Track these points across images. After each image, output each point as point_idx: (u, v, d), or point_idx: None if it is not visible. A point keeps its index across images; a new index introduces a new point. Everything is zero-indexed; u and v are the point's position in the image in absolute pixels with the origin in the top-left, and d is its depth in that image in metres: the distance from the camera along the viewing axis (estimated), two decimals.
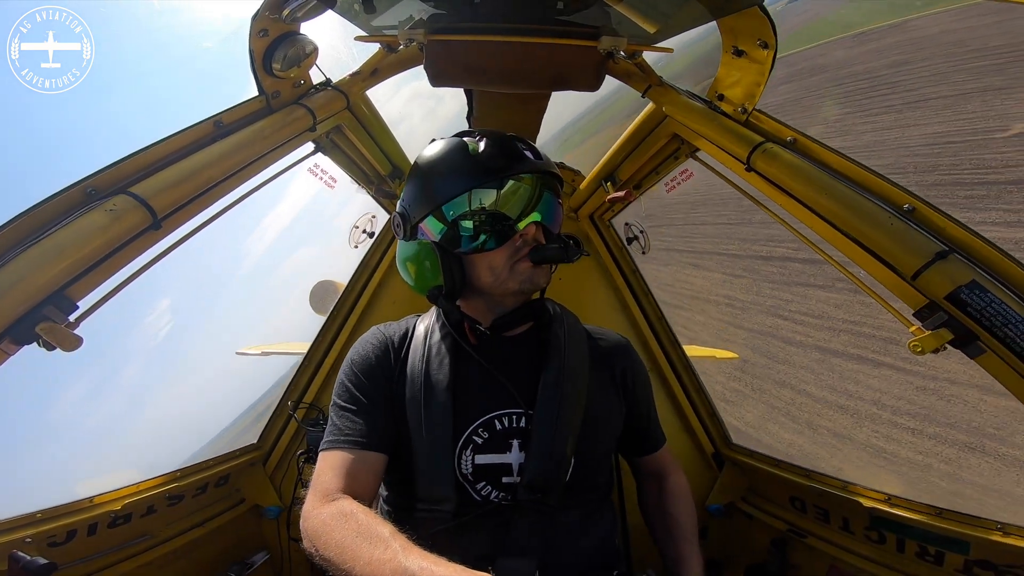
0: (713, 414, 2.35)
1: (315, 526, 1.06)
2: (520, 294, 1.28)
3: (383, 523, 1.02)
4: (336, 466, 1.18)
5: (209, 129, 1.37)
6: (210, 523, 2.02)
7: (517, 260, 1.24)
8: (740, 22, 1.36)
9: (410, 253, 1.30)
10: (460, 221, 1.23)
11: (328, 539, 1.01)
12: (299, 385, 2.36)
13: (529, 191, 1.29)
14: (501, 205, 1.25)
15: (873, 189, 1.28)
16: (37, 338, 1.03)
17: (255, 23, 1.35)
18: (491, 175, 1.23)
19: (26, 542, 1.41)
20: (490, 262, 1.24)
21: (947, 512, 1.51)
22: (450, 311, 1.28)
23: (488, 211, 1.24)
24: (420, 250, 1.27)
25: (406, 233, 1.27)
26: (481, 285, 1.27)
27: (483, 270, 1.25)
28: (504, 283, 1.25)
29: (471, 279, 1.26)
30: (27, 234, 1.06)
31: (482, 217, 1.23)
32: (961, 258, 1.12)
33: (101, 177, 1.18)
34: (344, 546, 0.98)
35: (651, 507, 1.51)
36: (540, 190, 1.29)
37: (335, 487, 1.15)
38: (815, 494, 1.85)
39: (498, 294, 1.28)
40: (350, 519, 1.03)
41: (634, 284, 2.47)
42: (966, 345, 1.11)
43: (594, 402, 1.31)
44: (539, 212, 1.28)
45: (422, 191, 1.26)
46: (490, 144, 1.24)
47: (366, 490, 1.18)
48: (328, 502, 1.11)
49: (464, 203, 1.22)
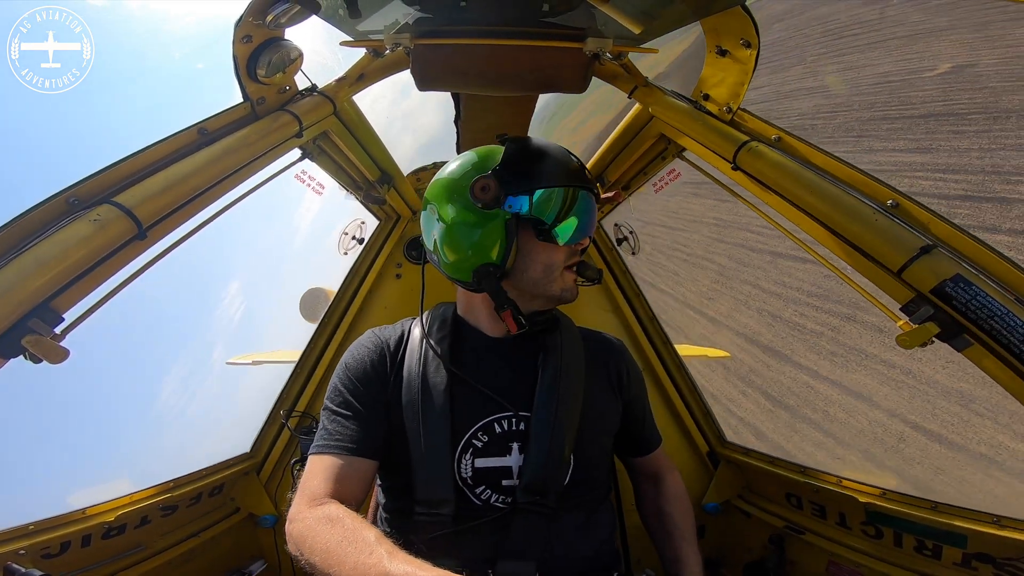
0: (707, 413, 2.35)
1: (301, 530, 1.06)
2: (554, 300, 1.31)
3: (369, 528, 1.01)
4: (325, 470, 1.18)
5: (193, 137, 1.37)
6: (205, 533, 2.00)
7: (568, 266, 1.29)
8: (723, 22, 1.37)
9: (473, 221, 1.24)
10: (552, 208, 1.24)
11: (313, 543, 1.01)
12: (291, 393, 2.35)
13: (587, 210, 1.31)
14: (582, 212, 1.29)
15: (857, 186, 1.29)
16: (23, 351, 1.02)
17: (238, 29, 1.34)
18: (584, 182, 1.28)
19: (20, 554, 1.39)
20: (549, 258, 1.26)
21: (943, 506, 1.52)
22: (497, 292, 1.26)
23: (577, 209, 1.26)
24: (491, 222, 1.23)
25: (492, 199, 1.21)
26: (527, 278, 1.27)
27: (538, 264, 1.26)
28: (549, 283, 1.28)
29: (519, 269, 1.26)
30: (9, 246, 1.05)
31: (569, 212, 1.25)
32: (945, 252, 1.13)
33: (84, 186, 1.17)
34: (329, 551, 0.98)
35: (648, 508, 1.52)
36: (591, 213, 1.31)
37: (323, 492, 1.14)
38: (811, 490, 1.86)
39: (536, 293, 1.29)
40: (336, 524, 1.03)
41: (625, 285, 2.47)
42: (953, 338, 1.12)
43: (591, 403, 1.31)
44: (590, 233, 1.32)
45: (533, 166, 1.26)
46: (576, 157, 1.33)
47: (354, 496, 1.18)
48: (315, 506, 1.11)
49: (562, 196, 1.25)
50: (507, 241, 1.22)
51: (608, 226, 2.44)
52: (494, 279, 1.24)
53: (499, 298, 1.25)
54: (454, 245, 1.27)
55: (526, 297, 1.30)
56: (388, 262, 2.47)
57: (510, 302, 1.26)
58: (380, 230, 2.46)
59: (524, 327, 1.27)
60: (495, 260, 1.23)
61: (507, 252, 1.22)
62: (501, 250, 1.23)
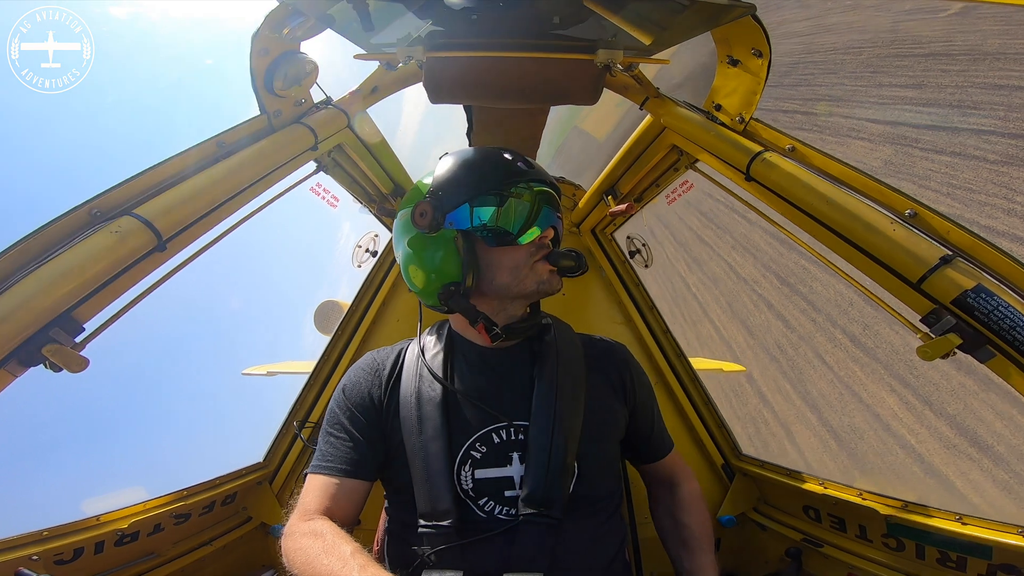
0: (721, 425, 2.32)
1: (288, 543, 1.13)
2: (534, 296, 1.31)
3: (349, 542, 1.06)
4: (317, 489, 1.23)
5: (212, 149, 1.39)
6: (217, 541, 2.01)
7: (536, 260, 1.28)
8: (733, 32, 1.38)
9: (427, 247, 1.28)
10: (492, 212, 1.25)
11: (296, 555, 1.08)
12: (304, 404, 2.36)
13: (536, 202, 1.31)
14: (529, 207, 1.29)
15: (874, 195, 1.28)
16: (43, 360, 1.04)
17: (256, 42, 1.37)
18: (524, 176, 1.28)
19: (32, 559, 1.40)
20: (512, 259, 1.27)
21: (967, 517, 1.48)
22: (466, 308, 1.27)
23: (521, 206, 1.27)
24: (440, 243, 1.26)
25: (432, 222, 1.24)
26: (496, 285, 1.28)
27: (503, 269, 1.27)
28: (522, 282, 1.27)
29: (486, 279, 1.27)
30: (33, 256, 1.08)
31: (519, 211, 1.26)
32: (965, 262, 1.11)
33: (105, 198, 1.20)
34: (308, 562, 1.04)
35: (663, 516, 1.49)
36: (541, 204, 1.30)
37: (314, 509, 1.20)
38: (829, 503, 1.82)
39: (512, 295, 1.29)
40: (319, 537, 1.08)
41: (638, 297, 2.46)
42: (975, 349, 1.10)
43: (594, 409, 1.31)
44: (551, 223, 1.31)
45: (463, 179, 1.27)
46: (513, 153, 1.32)
47: (345, 514, 1.23)
48: (304, 521, 1.16)
49: (500, 198, 1.26)
50: (463, 257, 1.24)
51: (621, 239, 2.43)
52: (459, 297, 1.27)
53: (469, 314, 1.28)
54: (415, 273, 1.32)
55: (504, 303, 1.31)
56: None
57: (481, 315, 1.27)
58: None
59: (500, 337, 1.28)
60: (456, 278, 1.26)
61: (465, 267, 1.24)
62: (458, 267, 1.25)
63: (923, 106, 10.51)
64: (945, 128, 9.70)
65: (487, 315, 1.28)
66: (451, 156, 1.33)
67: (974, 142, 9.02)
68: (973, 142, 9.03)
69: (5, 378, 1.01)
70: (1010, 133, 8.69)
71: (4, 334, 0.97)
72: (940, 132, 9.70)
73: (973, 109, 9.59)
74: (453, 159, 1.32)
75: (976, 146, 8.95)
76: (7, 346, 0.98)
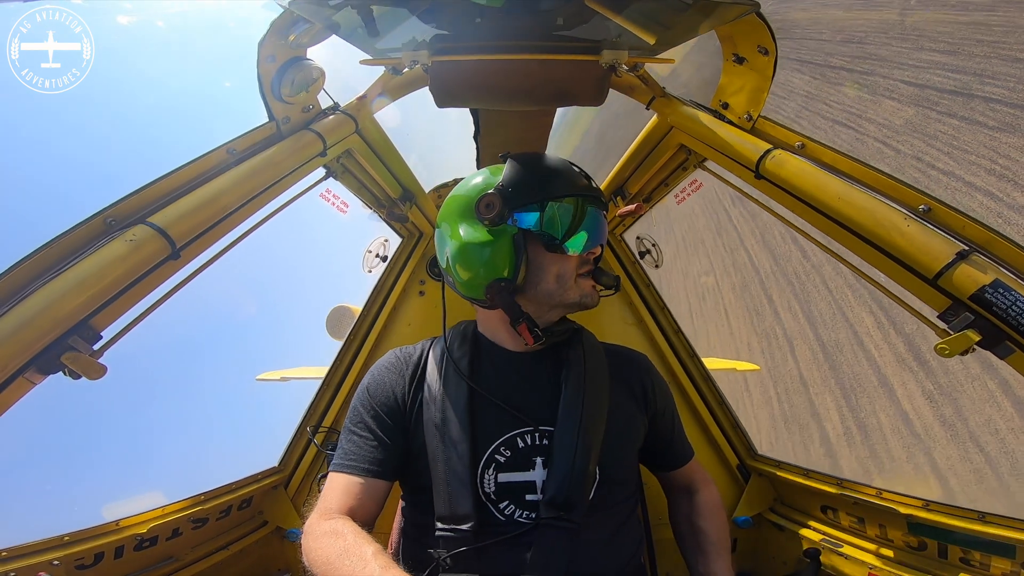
0: (736, 425, 2.30)
1: (308, 542, 1.12)
2: (573, 307, 1.32)
3: (369, 543, 1.05)
4: (339, 488, 1.23)
5: (222, 157, 1.41)
6: (234, 546, 2.03)
7: (582, 274, 1.30)
8: (738, 30, 1.37)
9: (482, 239, 1.27)
10: (557, 219, 1.27)
11: (317, 554, 1.07)
12: (318, 409, 2.38)
13: (597, 219, 1.33)
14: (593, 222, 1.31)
15: (887, 191, 1.26)
16: (63, 367, 1.06)
17: (262, 49, 1.38)
18: (591, 192, 1.31)
19: (53, 564, 1.43)
20: (560, 268, 1.28)
21: (990, 516, 1.45)
22: (511, 306, 1.27)
23: (589, 219, 1.29)
24: (497, 238, 1.25)
25: (498, 215, 1.24)
26: (541, 290, 1.28)
27: (550, 275, 1.27)
28: (565, 292, 1.29)
29: (531, 283, 1.28)
30: (50, 264, 1.10)
31: (579, 223, 1.28)
32: (982, 257, 1.09)
33: (120, 207, 1.22)
34: (329, 562, 1.03)
35: (681, 522, 1.50)
36: (597, 228, 1.33)
37: (335, 508, 1.19)
38: (848, 503, 1.79)
39: (553, 303, 1.30)
40: (339, 537, 1.08)
41: (649, 298, 2.44)
42: (994, 346, 1.08)
43: (615, 417, 1.30)
44: (602, 240, 1.33)
45: (535, 180, 1.28)
46: (579, 167, 1.35)
47: (366, 513, 1.22)
48: (325, 520, 1.16)
49: (567, 207, 1.28)
50: (516, 256, 1.24)
51: (630, 239, 2.42)
52: (507, 294, 1.26)
53: (513, 312, 1.27)
54: (465, 264, 1.29)
55: (544, 309, 1.31)
56: (411, 279, 2.49)
57: (525, 315, 1.27)
58: (403, 247, 2.49)
59: (541, 339, 1.27)
60: (506, 275, 1.25)
61: (517, 267, 1.24)
62: (511, 265, 1.24)
63: (951, 72, 11.19)
64: (963, 94, 10.52)
65: (530, 316, 1.28)
66: (521, 156, 1.34)
67: (982, 108, 9.93)
68: (981, 108, 9.95)
69: (25, 386, 1.03)
70: (1014, 103, 9.47)
71: (23, 342, 0.98)
72: (957, 97, 10.54)
73: (991, 79, 10.28)
74: (524, 159, 1.33)
75: (982, 112, 9.86)
76: (26, 354, 1.00)
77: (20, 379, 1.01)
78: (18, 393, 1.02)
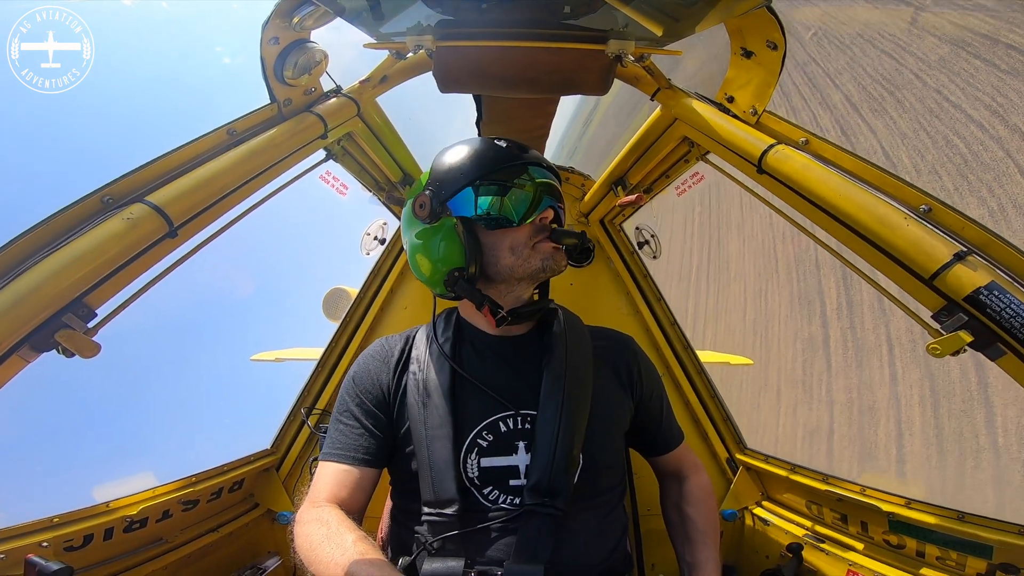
0: (727, 419, 2.32)
1: (297, 530, 1.15)
2: (539, 274, 1.30)
3: (352, 530, 1.08)
4: (328, 477, 1.26)
5: (222, 137, 1.39)
6: (224, 528, 2.03)
7: (539, 240, 1.28)
8: (748, 23, 1.36)
9: (428, 237, 1.30)
10: (489, 197, 1.26)
11: (303, 540, 1.10)
12: (312, 391, 2.38)
13: (537, 191, 1.31)
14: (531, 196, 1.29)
15: (888, 190, 1.26)
16: (56, 345, 1.05)
17: (266, 31, 1.36)
18: (519, 160, 1.30)
19: (42, 546, 1.42)
20: (512, 241, 1.27)
21: (969, 516, 1.48)
22: (471, 292, 1.28)
23: (523, 195, 1.28)
24: (441, 232, 1.28)
25: (431, 212, 1.26)
26: (500, 268, 1.28)
27: (504, 250, 1.27)
28: (526, 262, 1.27)
29: (489, 263, 1.28)
30: (46, 242, 1.08)
31: (515, 194, 1.27)
32: (980, 259, 1.10)
33: (117, 185, 1.20)
34: (312, 547, 1.06)
35: (670, 509, 1.51)
36: (542, 193, 1.31)
37: (324, 496, 1.22)
38: (832, 499, 1.82)
39: (517, 276, 1.29)
40: (324, 525, 1.11)
41: (646, 289, 2.45)
42: (986, 347, 1.09)
43: (600, 401, 1.31)
44: (551, 203, 1.31)
45: (459, 167, 1.29)
46: (508, 141, 1.33)
47: (354, 502, 1.24)
48: (313, 508, 1.18)
49: (496, 182, 1.27)
50: (464, 243, 1.25)
51: (629, 229, 2.42)
52: (464, 282, 1.27)
53: (474, 297, 1.28)
54: (421, 262, 1.34)
55: (510, 286, 1.32)
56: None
57: (486, 298, 1.28)
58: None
59: (506, 320, 1.29)
60: (459, 264, 1.27)
61: (468, 253, 1.25)
62: (461, 253, 1.26)
63: (991, 16, 12.06)
64: (991, 39, 11.53)
65: (492, 298, 1.29)
66: (447, 148, 1.35)
67: (1003, 53, 11.05)
68: (1002, 53, 11.07)
69: (18, 364, 1.02)
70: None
71: (17, 319, 0.97)
72: (986, 41, 11.56)
73: (1018, 27, 11.34)
74: (449, 150, 1.33)
75: (1000, 56, 11.01)
76: (20, 331, 0.98)
77: (13, 357, 1.00)
78: (11, 371, 1.01)
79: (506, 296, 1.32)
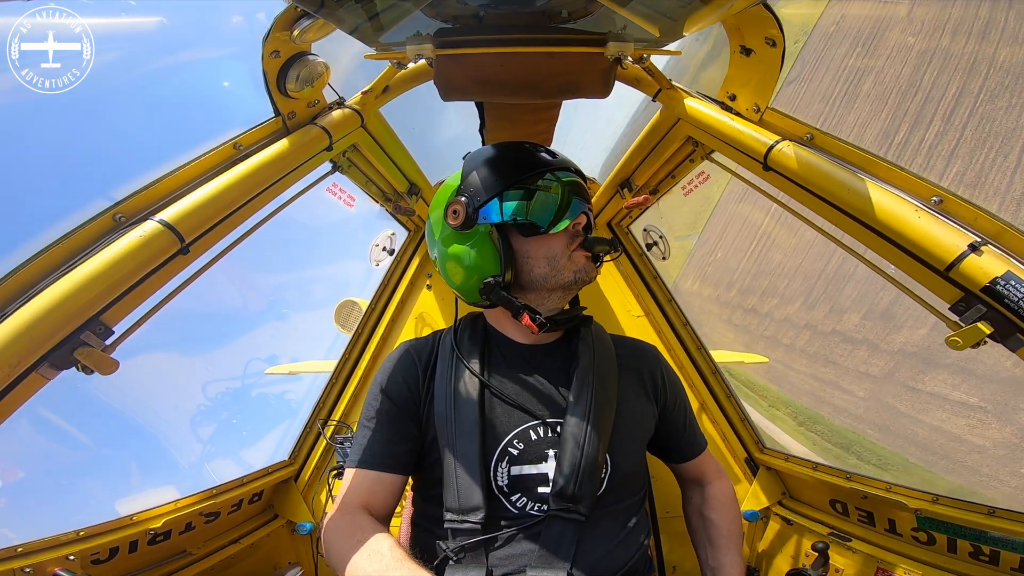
0: (744, 419, 2.29)
1: (328, 536, 1.15)
2: (572, 286, 1.30)
3: (386, 537, 1.08)
4: (356, 483, 1.25)
5: (229, 152, 1.41)
6: (245, 539, 2.05)
7: (574, 249, 1.28)
8: (745, 21, 1.35)
9: (463, 244, 1.28)
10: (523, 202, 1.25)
11: (335, 547, 1.11)
12: (327, 402, 2.40)
13: (565, 193, 1.31)
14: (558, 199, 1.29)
15: (898, 183, 1.24)
16: (76, 363, 1.07)
17: (266, 44, 1.38)
18: (549, 166, 1.29)
19: (69, 559, 1.45)
20: (548, 249, 1.27)
21: (1000, 511, 1.44)
22: (508, 300, 1.27)
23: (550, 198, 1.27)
24: (476, 239, 1.27)
25: (465, 220, 1.25)
26: (534, 277, 1.28)
27: (539, 259, 1.27)
28: (560, 272, 1.27)
29: (523, 271, 1.27)
30: (60, 262, 1.11)
31: (545, 197, 1.26)
32: (994, 249, 1.08)
33: (128, 203, 1.23)
34: (345, 554, 1.06)
35: (693, 515, 1.50)
36: (570, 195, 1.30)
37: (354, 502, 1.21)
38: (857, 496, 1.79)
39: (550, 286, 1.29)
40: (356, 531, 1.11)
41: (656, 290, 2.43)
42: (1006, 338, 1.07)
43: (625, 409, 1.30)
44: (581, 211, 1.31)
45: (491, 173, 1.27)
46: (535, 145, 1.35)
47: (383, 507, 1.24)
48: (343, 515, 1.18)
49: (530, 188, 1.26)
50: (498, 251, 1.24)
51: (637, 231, 2.41)
52: (500, 290, 1.26)
53: (511, 306, 1.27)
54: (454, 271, 1.32)
55: (543, 295, 1.31)
56: (418, 272, 2.50)
57: (524, 305, 1.26)
58: (409, 241, 2.50)
59: (545, 326, 1.27)
60: (495, 272, 1.25)
61: (503, 261, 1.24)
62: (496, 261, 1.25)
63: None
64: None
65: (530, 305, 1.28)
66: (476, 153, 1.35)
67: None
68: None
69: (38, 381, 1.04)
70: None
71: (36, 338, 1.00)
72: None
73: None
74: (479, 155, 1.33)
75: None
76: (39, 350, 1.01)
77: (34, 375, 1.02)
78: (32, 388, 1.03)
79: (539, 306, 1.31)
